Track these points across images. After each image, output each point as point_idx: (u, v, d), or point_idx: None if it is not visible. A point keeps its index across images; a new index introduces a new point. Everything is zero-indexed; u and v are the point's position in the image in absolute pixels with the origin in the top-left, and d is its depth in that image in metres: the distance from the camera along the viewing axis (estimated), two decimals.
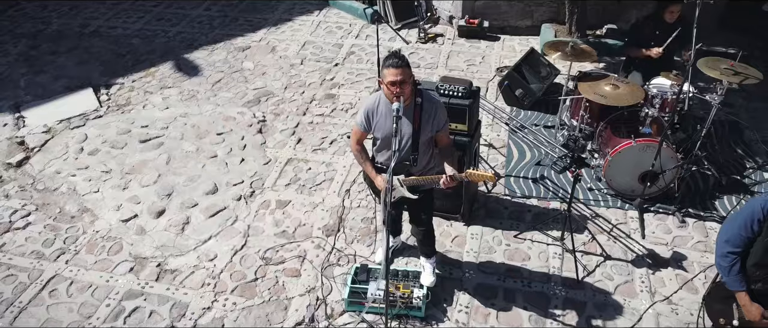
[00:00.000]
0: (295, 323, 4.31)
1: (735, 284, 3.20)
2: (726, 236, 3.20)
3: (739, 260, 3.18)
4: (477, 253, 4.84)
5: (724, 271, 3.22)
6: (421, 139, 3.80)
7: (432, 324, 4.28)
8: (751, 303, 3.19)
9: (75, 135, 6.44)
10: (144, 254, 4.92)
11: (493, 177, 3.51)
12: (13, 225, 5.25)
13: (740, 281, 3.19)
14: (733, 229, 3.17)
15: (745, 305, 3.20)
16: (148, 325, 4.31)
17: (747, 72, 4.91)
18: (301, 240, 5.01)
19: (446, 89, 4.60)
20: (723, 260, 3.21)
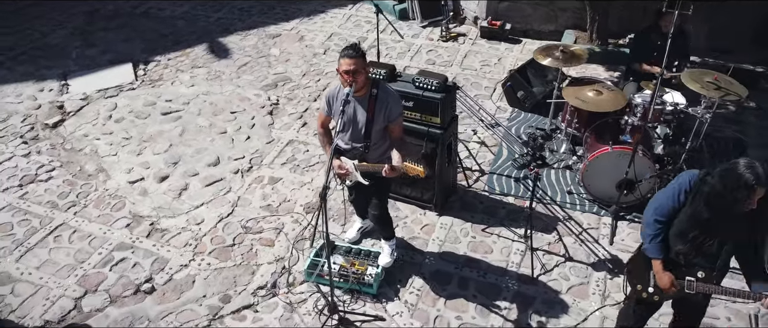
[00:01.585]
0: (257, 286, 4.66)
1: (653, 252, 3.31)
2: (655, 204, 3.32)
3: (663, 230, 3.29)
4: (442, 242, 5.04)
5: (647, 238, 3.33)
6: (374, 127, 4.06)
7: (381, 301, 4.52)
8: (663, 272, 3.30)
9: (107, 104, 7.08)
10: (141, 213, 5.42)
11: (422, 172, 3.75)
12: (38, 177, 5.88)
13: (659, 249, 3.30)
14: (663, 199, 3.29)
15: (658, 272, 3.32)
16: (129, 274, 4.78)
17: (731, 88, 4.85)
18: (282, 214, 5.37)
19: (421, 82, 4.82)
20: (649, 228, 3.32)
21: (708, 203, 3.09)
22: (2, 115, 6.85)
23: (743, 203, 2.94)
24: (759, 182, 2.86)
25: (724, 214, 3.06)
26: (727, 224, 3.12)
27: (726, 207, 3.01)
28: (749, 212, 3.00)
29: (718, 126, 6.36)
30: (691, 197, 3.18)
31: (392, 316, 4.42)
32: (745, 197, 2.91)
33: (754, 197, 2.91)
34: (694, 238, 3.23)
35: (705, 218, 3.13)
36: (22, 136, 6.51)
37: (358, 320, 4.37)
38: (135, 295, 4.63)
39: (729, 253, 3.23)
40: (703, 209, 3.12)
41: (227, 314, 4.46)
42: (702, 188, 3.11)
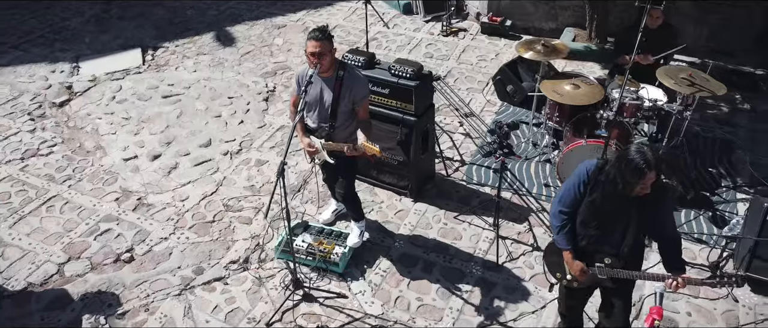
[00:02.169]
0: (230, 261, 4.85)
1: (562, 243, 3.38)
2: (559, 196, 3.38)
3: (569, 220, 3.34)
4: (414, 227, 5.15)
5: (554, 230, 3.40)
6: (339, 108, 4.20)
7: (347, 280, 4.66)
8: (573, 261, 3.36)
9: (113, 86, 7.37)
10: (131, 188, 5.67)
11: (378, 151, 3.89)
12: (39, 152, 6.19)
13: (566, 240, 3.36)
14: (565, 190, 3.34)
15: (568, 261, 3.38)
16: (112, 244, 5.02)
17: (706, 85, 4.85)
18: (264, 195, 5.55)
19: (396, 70, 4.94)
20: (555, 220, 3.39)
21: (604, 191, 3.13)
22: (14, 93, 7.20)
23: (635, 187, 2.98)
24: (649, 166, 2.90)
25: (620, 200, 3.09)
26: (624, 210, 3.16)
27: (621, 193, 3.04)
28: (645, 198, 3.05)
29: (709, 127, 6.33)
30: (590, 187, 3.22)
31: (355, 294, 4.55)
32: (637, 182, 2.95)
33: (646, 181, 2.95)
34: (596, 226, 3.26)
35: (604, 205, 3.17)
36: (30, 113, 6.84)
37: (321, 296, 4.51)
38: (115, 263, 4.86)
39: (634, 238, 3.23)
40: (601, 197, 3.16)
41: (198, 285, 4.65)
42: (599, 177, 3.15)
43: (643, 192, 3.02)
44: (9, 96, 7.16)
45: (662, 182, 3.22)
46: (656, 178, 2.98)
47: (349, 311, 4.42)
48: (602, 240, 3.31)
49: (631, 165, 2.95)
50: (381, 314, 4.41)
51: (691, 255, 4.87)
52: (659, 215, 3.19)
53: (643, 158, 2.92)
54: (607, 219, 3.25)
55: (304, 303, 4.48)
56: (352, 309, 4.43)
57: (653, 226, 3.23)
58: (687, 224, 5.14)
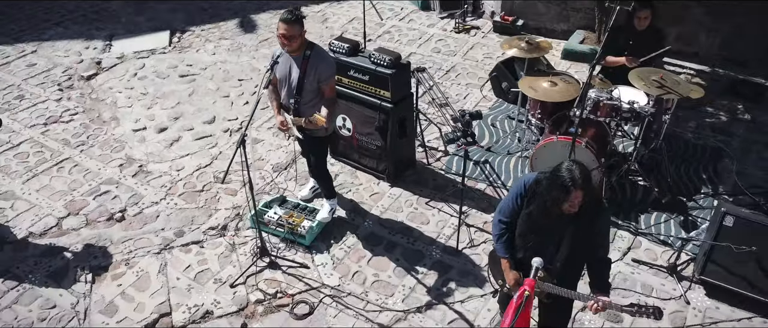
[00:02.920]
0: (209, 227, 5.23)
1: (500, 251, 3.48)
2: (500, 206, 3.52)
3: (507, 230, 3.42)
4: (385, 209, 5.40)
5: (494, 238, 3.50)
6: (305, 85, 4.49)
7: (312, 252, 4.95)
8: (509, 270, 3.44)
9: (137, 64, 7.91)
10: (135, 157, 6.14)
11: (322, 120, 4.17)
12: (61, 119, 6.75)
13: (504, 248, 3.44)
14: (506, 201, 3.44)
15: (505, 269, 3.47)
16: (108, 204, 5.48)
17: (676, 88, 4.88)
18: (253, 170, 5.91)
19: (375, 58, 5.19)
20: (494, 228, 3.49)
21: (538, 205, 3.16)
22: (49, 66, 7.83)
23: (562, 204, 3.00)
24: (575, 185, 2.91)
25: (549, 216, 3.12)
26: (558, 226, 3.17)
27: (550, 209, 3.07)
28: (580, 216, 3.06)
29: (703, 134, 6.29)
30: (527, 200, 3.25)
31: (316, 266, 4.84)
32: (564, 199, 2.96)
33: (572, 199, 2.95)
34: (532, 239, 3.30)
35: (539, 219, 3.20)
36: (60, 84, 7.44)
37: (285, 265, 4.82)
38: (107, 221, 5.32)
39: (567, 254, 3.23)
40: (536, 210, 3.19)
41: (177, 246, 5.04)
42: (536, 189, 3.18)
43: (571, 210, 3.02)
44: (44, 68, 7.79)
45: (598, 204, 3.22)
46: (583, 197, 2.97)
47: (308, 280, 4.71)
48: (538, 253, 3.29)
49: (558, 182, 2.97)
50: (337, 285, 4.67)
51: (653, 256, 4.93)
52: (592, 235, 3.18)
53: (569, 176, 2.93)
54: (541, 233, 3.26)
55: (268, 270, 4.80)
56: (311, 279, 4.71)
57: (585, 245, 3.21)
58: (656, 226, 5.18)
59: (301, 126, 4.52)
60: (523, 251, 3.42)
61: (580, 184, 2.93)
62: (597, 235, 3.24)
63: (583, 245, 3.22)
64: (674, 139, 6.17)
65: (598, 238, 3.27)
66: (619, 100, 5.17)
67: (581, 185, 2.93)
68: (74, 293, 4.62)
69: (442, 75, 7.47)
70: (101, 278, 4.77)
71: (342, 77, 5.44)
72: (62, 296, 4.58)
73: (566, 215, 3.09)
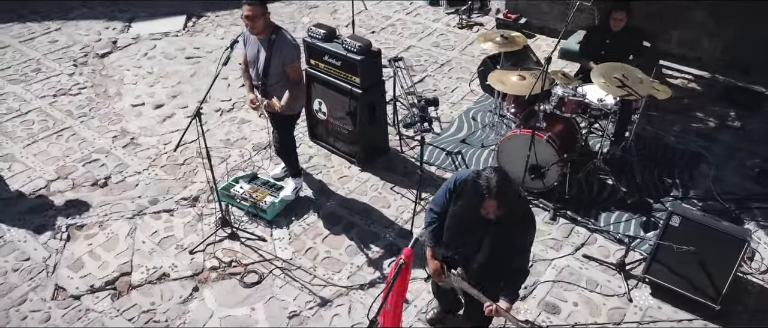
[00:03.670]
0: (182, 197, 5.52)
1: (428, 240, 3.52)
2: (434, 197, 3.53)
3: (438, 220, 3.45)
4: (350, 192, 5.57)
5: (425, 225, 3.55)
6: (270, 68, 4.72)
7: (272, 227, 5.18)
8: (431, 259, 3.50)
9: (149, 44, 8.32)
10: (129, 129, 6.50)
11: (278, 106, 4.37)
12: (70, 91, 7.20)
13: (431, 237, 3.49)
14: (439, 193, 3.46)
15: (428, 258, 3.52)
16: (95, 171, 5.85)
17: (637, 87, 4.87)
18: (234, 148, 6.19)
19: (347, 44, 5.36)
20: (426, 216, 3.54)
21: (461, 205, 3.19)
22: (69, 43, 8.34)
23: (479, 209, 3.01)
24: (489, 193, 2.91)
25: (470, 217, 3.15)
26: (476, 228, 3.20)
27: (469, 211, 3.10)
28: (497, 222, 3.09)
29: (685, 138, 6.21)
30: (455, 196, 3.28)
31: (274, 240, 5.06)
32: (478, 204, 2.98)
33: (486, 206, 2.97)
34: (456, 235, 3.35)
35: (463, 218, 3.23)
36: (75, 60, 7.91)
37: (244, 237, 5.06)
38: (92, 186, 5.68)
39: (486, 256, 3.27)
40: (459, 209, 3.23)
41: (149, 213, 5.35)
42: (463, 189, 3.16)
43: (488, 216, 3.05)
44: (64, 44, 8.30)
45: (525, 216, 3.23)
46: (498, 207, 2.97)
47: (263, 252, 4.93)
48: (461, 250, 3.38)
49: (475, 187, 2.99)
50: (289, 259, 4.88)
51: (606, 253, 4.94)
52: (514, 244, 3.20)
53: (486, 184, 2.93)
54: (464, 232, 3.31)
55: (228, 240, 5.04)
56: (266, 251, 4.93)
57: (504, 253, 3.23)
58: (615, 225, 5.18)
59: (265, 106, 4.76)
60: (447, 245, 3.47)
61: (494, 194, 2.93)
62: (519, 246, 3.26)
63: (502, 253, 3.24)
64: (654, 141, 6.11)
65: (518, 249, 3.27)
66: (583, 97, 5.19)
67: (495, 194, 2.93)
68: (48, 248, 4.98)
69: (436, 68, 7.58)
70: (75, 237, 5.11)
71: (319, 62, 5.64)
72: (36, 251, 4.95)
73: (488, 219, 3.10)
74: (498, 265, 3.28)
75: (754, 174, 5.68)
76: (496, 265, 3.28)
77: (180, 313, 4.47)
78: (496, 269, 3.29)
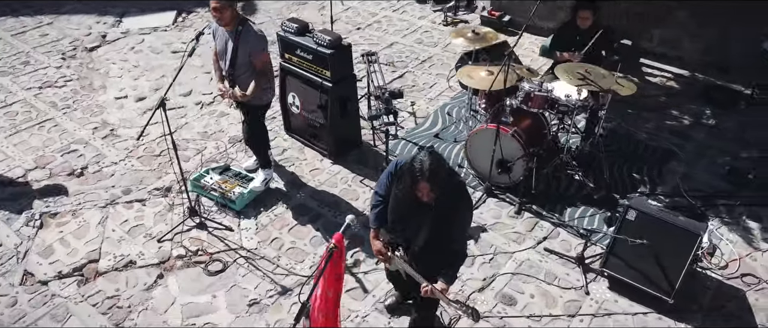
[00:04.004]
0: (155, 188, 5.62)
1: (371, 220, 3.63)
2: (378, 179, 3.63)
3: (382, 203, 3.55)
4: (321, 184, 5.65)
5: (370, 208, 3.66)
6: (238, 59, 4.82)
7: (240, 217, 5.26)
8: (374, 240, 3.59)
9: (138, 39, 8.45)
10: (109, 121, 6.62)
11: (241, 96, 4.47)
12: (56, 84, 7.34)
13: (375, 219, 3.59)
14: (382, 176, 3.57)
15: (371, 239, 3.62)
16: (72, 161, 5.97)
17: (600, 82, 4.90)
18: (210, 140, 6.28)
19: (318, 38, 5.44)
20: (371, 199, 3.65)
21: (400, 188, 3.29)
22: (59, 36, 8.48)
23: (415, 190, 3.10)
24: (422, 176, 3.00)
25: (408, 200, 3.24)
26: (416, 211, 3.28)
27: (406, 193, 3.20)
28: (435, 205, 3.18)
29: (658, 135, 6.23)
30: (397, 180, 3.37)
31: (241, 230, 5.15)
32: (412, 185, 3.08)
33: (420, 188, 3.06)
34: (398, 217, 3.44)
35: (403, 200, 3.32)
36: (64, 53, 8.05)
37: (212, 226, 5.16)
38: (68, 176, 5.79)
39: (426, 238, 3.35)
40: (399, 192, 3.33)
41: (121, 202, 5.46)
42: (403, 172, 3.22)
43: (423, 198, 3.13)
44: (54, 38, 8.44)
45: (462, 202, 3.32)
46: (431, 189, 3.05)
47: (229, 241, 5.02)
48: (403, 232, 3.48)
49: (410, 168, 3.08)
50: (254, 248, 4.96)
51: (567, 247, 4.98)
52: (451, 228, 3.29)
53: (419, 167, 3.02)
54: (404, 214, 3.41)
55: (195, 229, 5.14)
56: (232, 241, 5.02)
57: (442, 235, 3.31)
58: (579, 220, 5.22)
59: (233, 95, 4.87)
60: (391, 227, 3.57)
61: (427, 176, 3.01)
62: (455, 229, 3.35)
63: (440, 236, 3.33)
64: (626, 138, 6.14)
65: (455, 232, 3.36)
66: (550, 92, 5.23)
67: (427, 177, 3.01)
68: (20, 235, 5.09)
69: (417, 64, 7.64)
70: (48, 224, 5.22)
71: (292, 56, 5.73)
72: (9, 237, 5.06)
73: (425, 202, 3.19)
74: (436, 248, 3.36)
75: (724, 172, 5.69)
76: (435, 248, 3.36)
77: (143, 299, 4.56)
78: (434, 251, 3.37)
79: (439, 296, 3.26)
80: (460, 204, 3.30)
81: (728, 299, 4.53)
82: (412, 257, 3.49)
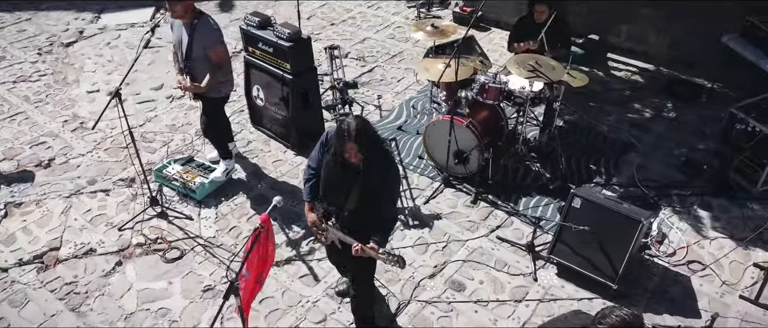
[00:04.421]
0: (120, 178, 5.72)
1: (305, 194, 3.76)
2: (310, 155, 3.77)
3: (315, 176, 3.69)
4: (282, 175, 5.75)
5: (303, 182, 3.79)
6: (192, 52, 4.92)
7: (201, 206, 5.36)
8: (308, 212, 3.74)
9: (114, 34, 8.55)
10: (79, 114, 6.72)
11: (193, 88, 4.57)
12: (30, 78, 7.43)
13: (308, 192, 3.73)
14: (314, 150, 3.70)
15: (306, 212, 3.76)
16: (41, 153, 6.07)
17: (550, 73, 5.00)
18: (178, 133, 6.38)
19: (278, 32, 5.54)
20: (305, 173, 3.78)
21: (331, 154, 3.44)
22: (36, 32, 8.58)
23: (343, 153, 3.26)
24: (349, 136, 3.16)
25: (338, 164, 3.39)
26: (345, 177, 3.43)
27: (337, 157, 3.36)
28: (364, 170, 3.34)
29: (618, 128, 6.33)
30: (326, 149, 3.52)
31: (201, 219, 5.25)
32: (341, 147, 3.24)
33: (348, 149, 3.21)
34: (330, 186, 3.57)
35: (334, 167, 3.47)
36: (40, 49, 8.15)
37: (173, 215, 5.25)
38: (36, 167, 5.89)
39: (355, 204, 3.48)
40: (329, 159, 3.48)
41: (86, 192, 5.56)
42: (332, 138, 3.41)
43: (351, 160, 3.29)
44: (32, 34, 8.55)
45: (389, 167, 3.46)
46: (359, 150, 3.19)
47: (188, 230, 5.12)
48: (335, 199, 3.60)
49: (338, 130, 3.26)
50: (212, 236, 5.06)
51: (519, 235, 5.07)
52: (380, 193, 3.42)
53: (346, 128, 3.18)
54: (335, 182, 3.54)
55: (156, 218, 5.23)
56: (190, 230, 5.12)
57: (371, 199, 3.44)
58: (533, 209, 5.31)
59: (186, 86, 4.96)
60: (323, 199, 3.71)
61: (353, 136, 3.17)
62: (384, 193, 3.49)
63: (370, 201, 3.47)
64: (587, 130, 6.24)
65: (384, 195, 3.50)
66: (504, 84, 5.33)
67: (354, 137, 3.17)
68: None
69: (387, 59, 7.74)
70: (12, 214, 5.32)
71: (255, 50, 5.83)
72: None
73: (355, 167, 3.36)
74: (366, 213, 3.50)
75: (680, 163, 5.78)
76: (365, 213, 3.50)
77: (100, 286, 4.66)
78: (364, 217, 3.51)
79: (369, 253, 3.38)
80: (388, 171, 3.45)
81: (673, 285, 4.62)
82: (343, 224, 3.60)
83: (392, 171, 3.51)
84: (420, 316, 4.40)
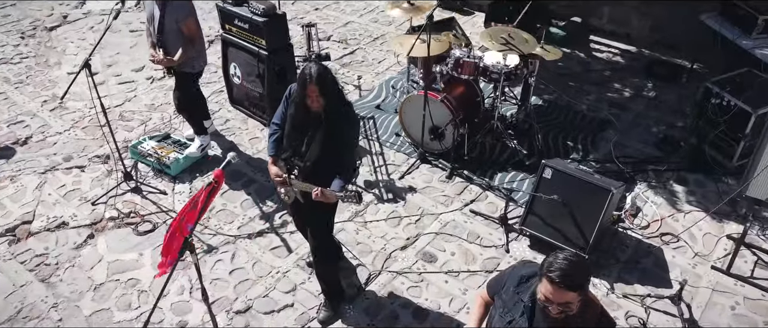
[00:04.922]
0: (95, 155, 5.71)
1: (269, 149, 3.76)
2: (276, 111, 3.78)
3: (278, 131, 3.72)
4: (258, 152, 5.74)
5: (268, 137, 3.79)
6: (165, 26, 4.91)
7: (175, 182, 5.35)
8: (272, 165, 3.74)
9: (98, 19, 8.53)
10: (59, 94, 6.69)
11: (166, 62, 4.68)
12: (11, 60, 7.42)
13: (272, 147, 3.74)
14: (279, 107, 3.73)
15: (269, 166, 3.76)
16: (18, 131, 6.06)
17: (522, 47, 4.99)
18: (156, 112, 6.37)
19: (253, 7, 5.53)
20: (269, 128, 3.79)
21: (294, 104, 3.50)
22: (20, 17, 8.56)
23: (305, 98, 3.33)
24: (310, 79, 3.24)
25: (300, 112, 3.45)
26: (307, 126, 3.49)
27: (299, 104, 3.42)
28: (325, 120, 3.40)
29: (597, 107, 6.32)
30: (290, 102, 3.58)
31: (174, 194, 5.24)
32: (303, 91, 3.30)
33: (310, 93, 3.28)
34: (293, 138, 3.60)
35: (296, 117, 3.52)
36: (24, 33, 8.13)
37: (147, 190, 5.24)
38: (14, 144, 5.88)
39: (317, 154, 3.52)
40: (293, 109, 3.53)
41: (61, 168, 5.55)
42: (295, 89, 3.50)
43: (313, 105, 3.35)
44: (15, 18, 8.53)
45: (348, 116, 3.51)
46: (320, 94, 3.27)
47: (161, 204, 5.11)
48: (297, 153, 3.64)
49: (300, 76, 3.34)
50: None
51: (493, 209, 5.06)
52: (341, 140, 3.49)
53: (308, 72, 3.27)
54: (297, 132, 3.58)
55: (130, 193, 5.22)
56: (163, 204, 5.11)
57: (332, 148, 3.50)
58: (509, 184, 5.30)
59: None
60: (287, 152, 3.72)
61: (314, 79, 3.25)
62: (343, 142, 3.55)
63: (330, 148, 3.52)
64: (566, 108, 6.23)
65: (344, 144, 3.56)
66: (479, 59, 5.32)
67: (315, 80, 3.25)
68: None
69: (369, 41, 7.73)
70: None
71: (231, 27, 5.82)
72: None
73: (316, 116, 3.42)
74: (328, 160, 3.53)
75: (658, 140, 5.78)
76: (326, 160, 3.53)
77: (71, 258, 4.65)
78: (326, 164, 3.53)
79: (329, 196, 3.41)
80: (347, 117, 3.50)
81: (645, 256, 4.62)
82: (306, 176, 3.62)
83: (351, 117, 3.57)
84: (390, 286, 4.39)
